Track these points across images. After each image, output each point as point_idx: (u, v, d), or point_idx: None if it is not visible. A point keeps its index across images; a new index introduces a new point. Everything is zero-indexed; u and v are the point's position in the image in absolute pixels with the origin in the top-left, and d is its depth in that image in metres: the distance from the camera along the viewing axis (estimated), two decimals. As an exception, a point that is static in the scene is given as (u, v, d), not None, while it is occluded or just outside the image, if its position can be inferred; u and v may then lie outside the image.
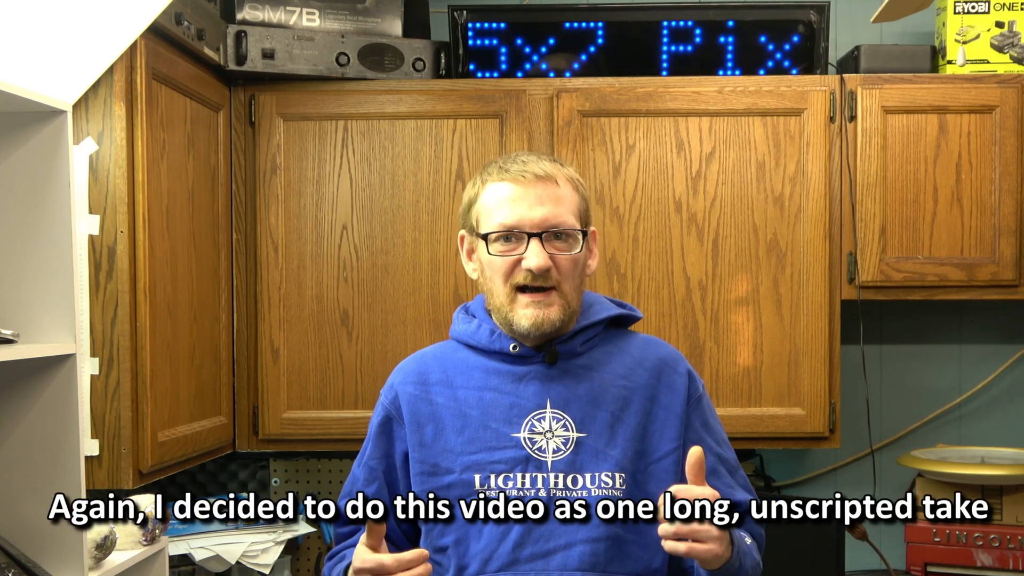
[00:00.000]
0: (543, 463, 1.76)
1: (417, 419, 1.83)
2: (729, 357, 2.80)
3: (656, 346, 1.90)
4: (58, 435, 1.88)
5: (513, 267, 1.78)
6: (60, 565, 1.88)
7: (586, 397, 1.80)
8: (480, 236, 1.81)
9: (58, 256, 1.87)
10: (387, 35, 2.86)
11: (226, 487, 3.09)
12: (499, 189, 1.80)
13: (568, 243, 1.79)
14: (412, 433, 1.82)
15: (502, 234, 1.78)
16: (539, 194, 1.78)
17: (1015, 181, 2.78)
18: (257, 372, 2.81)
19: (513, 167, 1.80)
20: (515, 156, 1.84)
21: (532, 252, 1.76)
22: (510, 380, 1.82)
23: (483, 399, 1.81)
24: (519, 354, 1.82)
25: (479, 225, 1.82)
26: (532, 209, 1.77)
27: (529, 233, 1.76)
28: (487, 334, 1.84)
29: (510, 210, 1.77)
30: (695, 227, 2.80)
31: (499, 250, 1.78)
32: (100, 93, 2.23)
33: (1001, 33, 2.86)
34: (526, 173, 1.78)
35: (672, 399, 1.83)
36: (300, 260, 2.81)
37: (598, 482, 1.76)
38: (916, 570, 2.90)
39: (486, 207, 1.81)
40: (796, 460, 3.21)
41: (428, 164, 2.81)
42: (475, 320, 1.88)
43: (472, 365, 1.85)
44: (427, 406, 1.83)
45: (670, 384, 1.84)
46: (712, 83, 2.81)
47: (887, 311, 3.18)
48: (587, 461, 1.77)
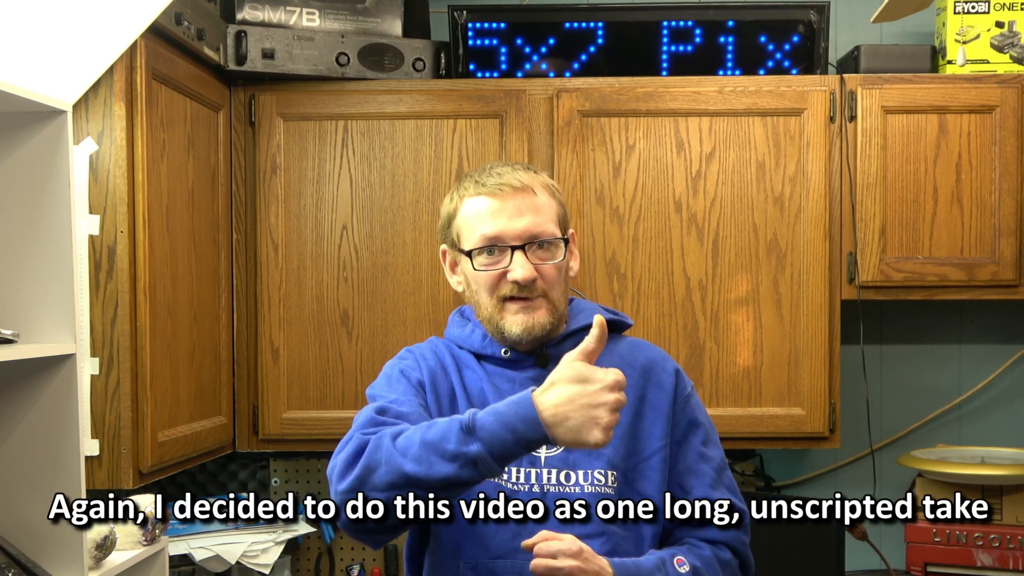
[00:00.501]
0: (536, 459, 1.77)
1: (436, 392, 1.83)
2: (729, 357, 2.80)
3: (644, 348, 1.91)
4: (58, 435, 1.88)
5: (499, 280, 1.79)
6: (60, 565, 1.88)
7: None
8: (463, 252, 1.81)
9: (58, 256, 1.87)
10: (387, 35, 2.86)
11: (226, 487, 3.09)
12: (477, 203, 1.80)
13: (551, 252, 1.80)
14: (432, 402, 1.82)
15: (485, 248, 1.78)
16: (518, 205, 1.78)
17: (1015, 181, 2.78)
18: (257, 372, 2.81)
19: (489, 180, 1.81)
20: (489, 169, 1.84)
21: (517, 264, 1.77)
22: (505, 381, 1.83)
23: (484, 393, 1.82)
24: (511, 359, 1.83)
25: (460, 240, 1.83)
26: (512, 221, 1.77)
27: (512, 246, 1.77)
28: (479, 339, 1.85)
29: (491, 224, 1.78)
30: (695, 227, 2.80)
31: (483, 263, 1.79)
32: (100, 93, 2.23)
33: (1001, 33, 2.86)
34: (503, 186, 1.79)
35: (660, 397, 1.84)
36: (300, 260, 2.81)
37: (591, 479, 1.76)
38: (916, 570, 2.90)
39: (466, 222, 1.81)
40: (796, 460, 3.21)
41: (428, 164, 2.81)
42: (469, 324, 1.89)
43: (472, 364, 1.86)
44: (445, 383, 1.84)
45: (658, 383, 1.85)
46: (712, 83, 2.81)
47: (887, 311, 3.18)
48: (580, 458, 1.77)
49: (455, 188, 1.87)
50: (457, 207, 1.84)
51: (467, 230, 1.81)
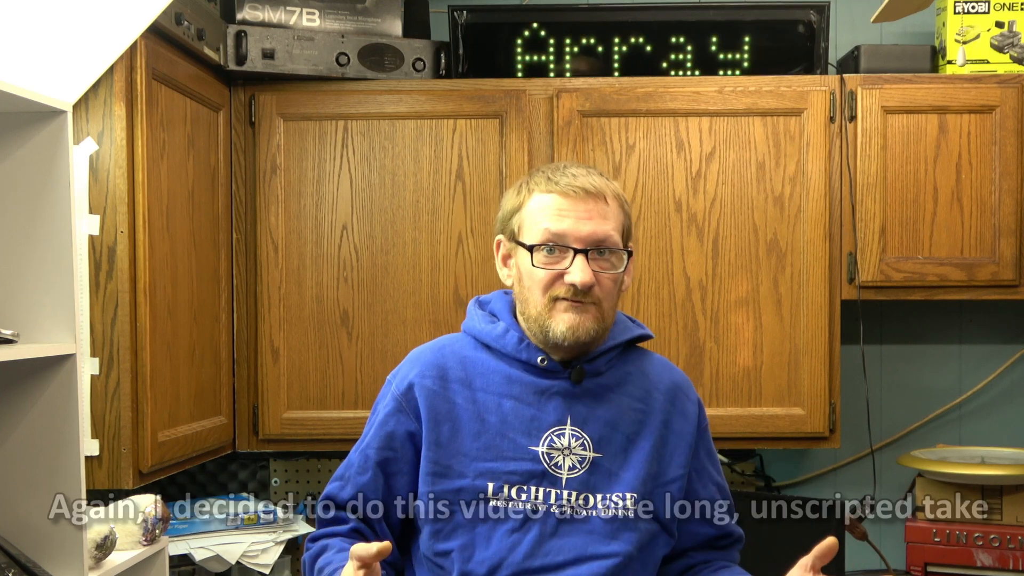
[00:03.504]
0: (558, 479, 1.75)
1: (435, 416, 1.79)
2: (729, 357, 2.80)
3: (670, 370, 1.91)
4: (58, 435, 1.88)
5: (554, 280, 1.75)
6: (60, 565, 1.88)
7: (604, 418, 1.79)
8: (524, 246, 1.78)
9: (58, 256, 1.87)
10: (387, 35, 2.86)
11: (226, 487, 3.08)
12: (546, 200, 1.77)
13: (612, 261, 1.77)
14: (429, 431, 1.79)
15: (546, 246, 1.75)
16: (588, 209, 1.76)
17: (1015, 181, 2.78)
18: (257, 372, 2.81)
19: (562, 179, 1.78)
20: (563, 168, 1.81)
21: (577, 268, 1.74)
22: (532, 392, 1.79)
23: (502, 407, 1.78)
24: (546, 368, 1.80)
25: (521, 233, 1.80)
26: (580, 224, 1.75)
27: (575, 248, 1.74)
28: (514, 341, 1.81)
29: (557, 222, 1.75)
30: (695, 227, 2.80)
31: (542, 262, 1.76)
32: (100, 93, 2.23)
33: (1001, 33, 2.86)
34: (576, 188, 1.76)
35: (684, 426, 1.84)
36: (300, 260, 2.81)
37: (608, 502, 1.76)
38: (916, 570, 2.90)
39: (531, 216, 1.78)
40: (796, 460, 3.21)
41: (428, 164, 2.81)
42: (500, 323, 1.84)
43: (492, 369, 1.82)
44: (445, 404, 1.80)
45: (683, 411, 1.85)
46: (712, 83, 2.81)
47: (887, 311, 3.18)
48: (600, 482, 1.76)
49: (524, 181, 1.84)
50: (525, 200, 1.80)
51: (532, 224, 1.78)
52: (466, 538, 1.76)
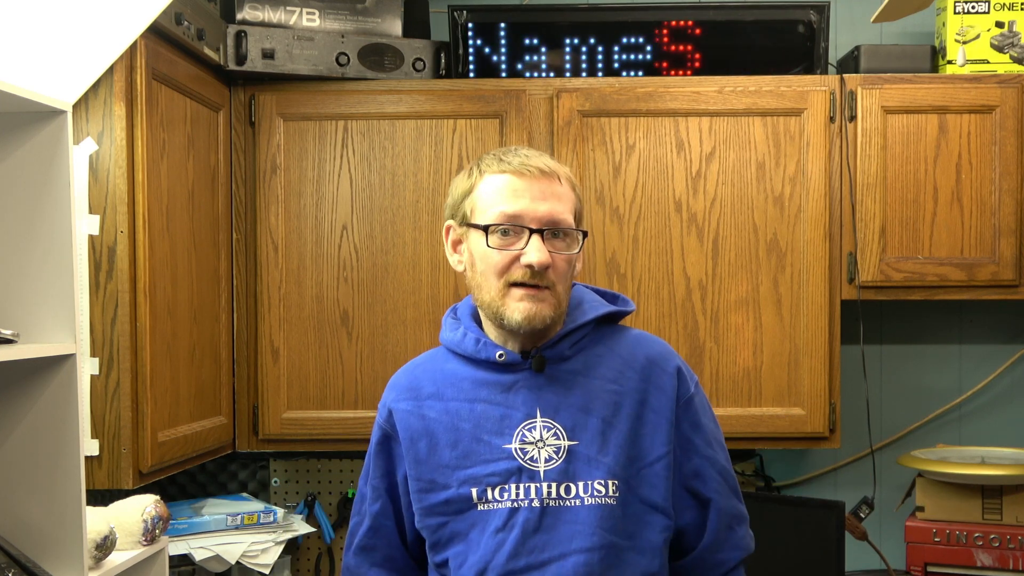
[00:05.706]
0: (536, 473, 1.73)
1: (411, 435, 1.80)
2: (729, 357, 2.80)
3: (646, 344, 1.84)
4: (58, 435, 1.88)
5: (510, 264, 1.72)
6: (60, 565, 1.88)
7: (576, 404, 1.76)
8: (478, 227, 1.74)
9: (58, 256, 1.87)
10: (387, 35, 2.86)
11: (226, 487, 3.09)
12: (500, 181, 1.74)
13: (567, 242, 1.75)
14: (408, 450, 1.80)
15: (500, 228, 1.72)
16: (542, 189, 1.73)
17: (1015, 181, 2.78)
18: (257, 372, 2.81)
19: (515, 160, 1.75)
20: (513, 149, 1.78)
21: (533, 248, 1.70)
22: (499, 390, 1.77)
23: (474, 411, 1.77)
24: (506, 362, 1.77)
25: (474, 215, 1.76)
26: (535, 203, 1.72)
27: (531, 228, 1.71)
28: (472, 343, 1.79)
29: (513, 203, 1.72)
30: (695, 227, 2.80)
31: (497, 243, 1.72)
32: (100, 93, 2.23)
33: (1001, 33, 2.86)
34: (529, 167, 1.73)
35: (661, 401, 1.78)
36: (300, 260, 2.81)
37: (591, 490, 1.73)
38: (916, 570, 2.90)
39: (485, 198, 1.75)
40: (796, 460, 3.21)
41: (428, 164, 2.81)
42: (460, 327, 1.83)
43: (462, 376, 1.81)
44: (420, 421, 1.80)
45: (659, 385, 1.79)
46: (712, 83, 2.81)
47: (887, 311, 3.18)
48: (579, 469, 1.74)
49: (473, 165, 1.80)
50: (476, 182, 1.77)
51: (485, 206, 1.74)
52: (460, 545, 1.76)
